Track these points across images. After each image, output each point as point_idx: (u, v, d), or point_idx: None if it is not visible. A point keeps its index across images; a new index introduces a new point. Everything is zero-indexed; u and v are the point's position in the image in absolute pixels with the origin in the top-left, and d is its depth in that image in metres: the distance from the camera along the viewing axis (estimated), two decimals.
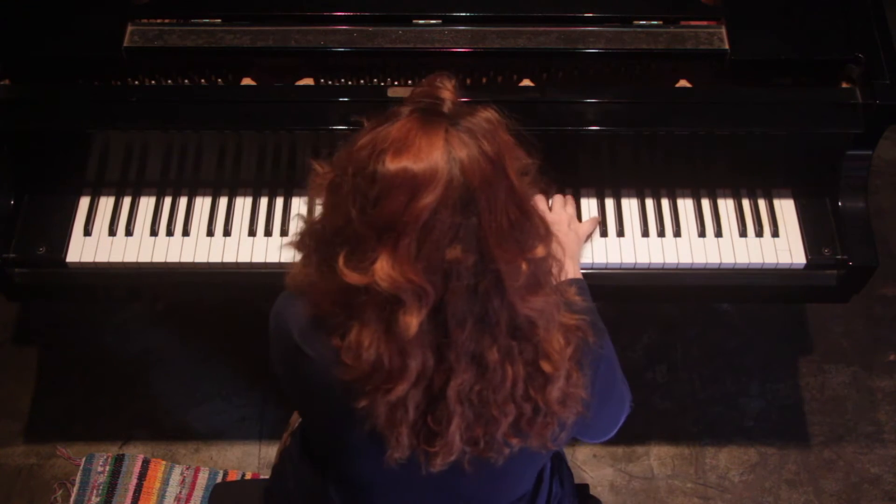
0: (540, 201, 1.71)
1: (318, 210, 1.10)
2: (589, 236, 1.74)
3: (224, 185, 1.80)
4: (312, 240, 1.09)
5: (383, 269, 0.97)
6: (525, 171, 1.06)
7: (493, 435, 1.10)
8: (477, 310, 1.01)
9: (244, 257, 1.74)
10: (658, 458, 2.25)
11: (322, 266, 1.06)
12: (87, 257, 1.74)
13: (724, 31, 1.74)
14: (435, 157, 0.95)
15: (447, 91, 1.03)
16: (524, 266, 1.02)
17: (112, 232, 1.76)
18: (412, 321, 0.98)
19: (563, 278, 1.45)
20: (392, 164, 0.96)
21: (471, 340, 1.02)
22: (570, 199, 1.74)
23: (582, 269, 1.75)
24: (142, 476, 2.19)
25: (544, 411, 1.11)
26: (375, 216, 0.97)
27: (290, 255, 1.15)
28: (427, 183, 0.95)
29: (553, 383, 1.09)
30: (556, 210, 1.70)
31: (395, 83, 1.79)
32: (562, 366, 1.09)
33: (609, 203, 1.80)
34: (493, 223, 0.98)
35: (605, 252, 1.75)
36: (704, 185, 1.81)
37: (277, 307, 1.21)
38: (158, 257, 1.74)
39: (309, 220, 1.11)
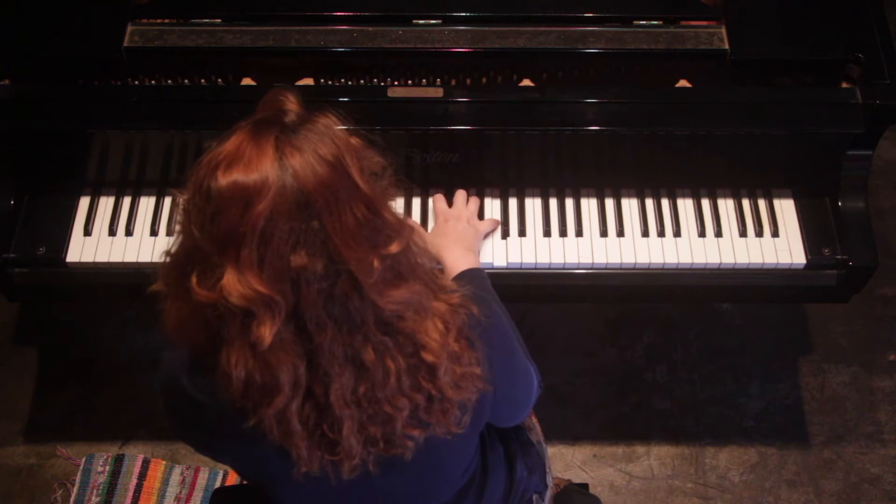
0: (439, 200, 1.74)
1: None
2: (490, 234, 1.75)
3: None
4: (172, 269, 1.09)
5: (230, 283, 0.97)
6: (378, 172, 1.06)
7: (392, 431, 1.10)
8: (336, 312, 1.01)
9: None
10: (658, 458, 2.25)
11: (180, 293, 1.06)
12: (87, 257, 1.74)
13: (724, 31, 1.74)
14: (265, 165, 0.96)
15: (290, 103, 1.03)
16: (376, 263, 1.02)
17: (112, 232, 1.76)
18: (265, 332, 0.98)
19: (452, 265, 1.46)
20: (223, 179, 0.96)
21: (337, 343, 1.02)
22: (473, 198, 1.76)
23: (582, 268, 1.76)
24: (142, 476, 2.19)
25: (438, 398, 1.11)
26: (214, 232, 0.97)
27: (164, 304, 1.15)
28: (258, 192, 0.95)
29: (439, 370, 1.09)
30: (456, 205, 1.73)
31: (395, 83, 1.79)
32: (443, 352, 1.08)
33: (609, 203, 1.80)
34: (336, 225, 0.98)
35: (606, 252, 1.75)
36: (704, 185, 1.82)
37: (162, 370, 1.21)
38: (158, 257, 1.73)
39: (169, 249, 1.11)
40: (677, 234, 1.77)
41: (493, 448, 1.43)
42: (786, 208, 1.79)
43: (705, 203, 1.80)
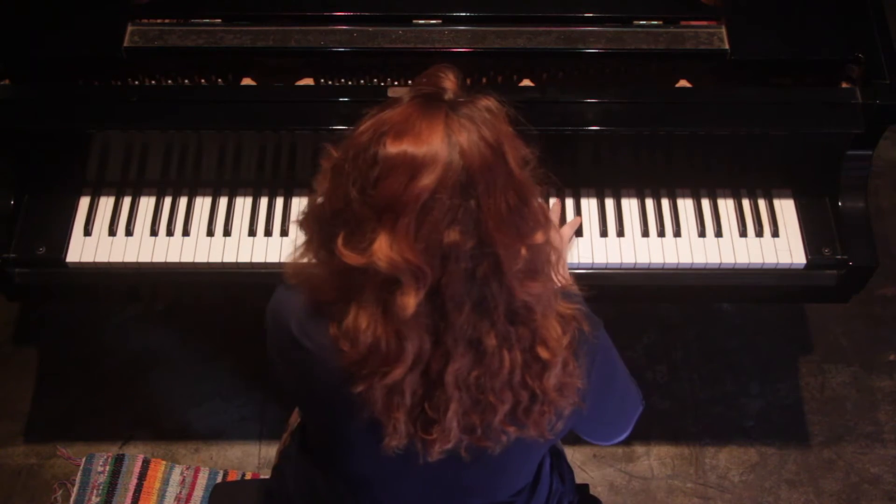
0: None
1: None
2: (570, 240, 1.74)
3: (224, 185, 1.80)
4: (314, 221, 1.10)
5: (382, 249, 0.98)
6: (525, 162, 1.07)
7: (490, 423, 1.11)
8: (475, 294, 1.02)
9: (244, 257, 1.74)
10: (658, 458, 2.25)
11: (321, 249, 1.07)
12: (87, 257, 1.74)
13: (724, 31, 1.74)
14: (435, 140, 0.97)
15: (449, 81, 1.04)
16: (523, 251, 1.03)
17: (112, 232, 1.76)
18: (409, 302, 0.99)
19: (561, 270, 1.46)
20: (392, 147, 0.97)
21: (468, 325, 1.03)
22: (556, 204, 1.75)
23: (582, 268, 1.76)
24: (142, 476, 2.19)
25: (541, 399, 1.11)
26: (375, 196, 0.98)
27: (289, 254, 1.16)
28: (427, 165, 0.96)
29: (550, 370, 1.10)
30: None
31: (395, 83, 1.79)
32: (559, 353, 1.09)
33: (609, 203, 1.80)
34: (491, 207, 0.99)
35: (605, 252, 1.75)
36: (704, 185, 1.82)
37: (274, 303, 1.22)
38: (158, 257, 1.74)
39: (312, 200, 1.11)
40: (677, 234, 1.77)
41: (545, 457, 1.44)
42: (786, 208, 1.79)
43: (705, 203, 1.80)
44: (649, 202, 1.80)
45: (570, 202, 1.80)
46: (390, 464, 1.16)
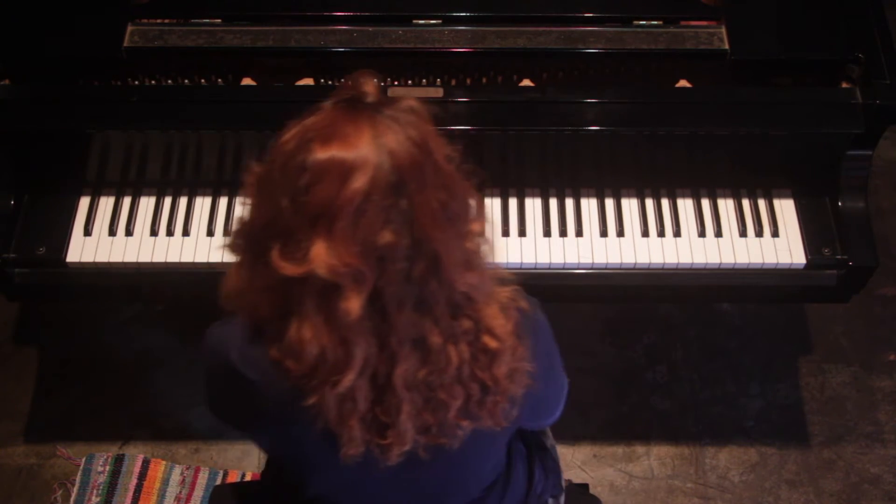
0: None
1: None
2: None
3: (224, 185, 1.80)
4: (244, 238, 1.10)
5: (320, 255, 0.97)
6: (450, 158, 1.07)
7: (444, 419, 1.11)
8: (414, 292, 1.02)
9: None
10: (658, 458, 2.25)
11: (256, 265, 1.06)
12: (87, 257, 1.74)
13: (724, 31, 1.75)
14: (363, 143, 0.98)
15: (370, 85, 1.05)
16: (460, 244, 1.04)
17: (112, 232, 1.76)
18: (353, 305, 0.99)
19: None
20: (321, 153, 0.97)
21: (411, 324, 1.03)
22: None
23: (582, 268, 1.76)
24: (142, 476, 2.19)
25: (493, 389, 1.12)
26: (307, 204, 0.98)
27: (224, 279, 1.15)
28: (357, 168, 0.96)
29: (499, 359, 1.10)
30: None
31: (395, 83, 1.79)
32: (506, 340, 1.10)
33: (609, 203, 1.80)
34: (423, 204, 0.99)
35: (606, 252, 1.75)
36: (704, 185, 1.82)
37: (209, 339, 1.21)
38: (158, 257, 1.74)
39: (242, 220, 1.11)
40: (677, 234, 1.77)
41: (517, 448, 1.44)
42: (786, 208, 1.79)
43: (705, 203, 1.80)
44: (649, 202, 1.80)
45: (570, 202, 1.80)
46: (353, 475, 1.16)
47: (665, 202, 1.80)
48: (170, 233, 1.76)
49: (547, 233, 1.77)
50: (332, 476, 1.23)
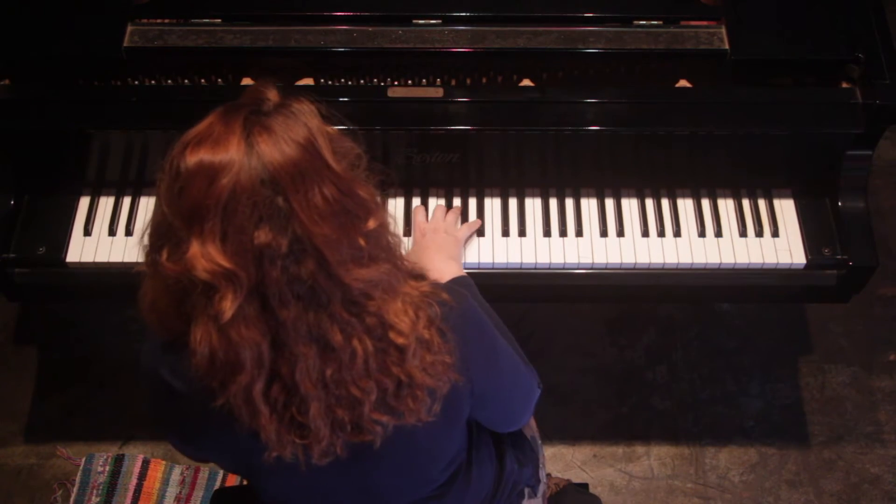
0: (418, 213, 1.75)
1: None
2: (471, 236, 1.75)
3: None
4: (146, 248, 1.11)
5: (194, 256, 0.99)
6: (354, 160, 1.08)
7: (360, 415, 1.11)
8: (302, 290, 1.02)
9: None
10: (658, 458, 2.25)
11: (155, 271, 1.07)
12: (87, 257, 1.74)
13: (724, 31, 1.74)
14: (231, 144, 0.99)
15: (271, 93, 1.06)
16: (348, 240, 1.03)
17: (112, 232, 1.76)
18: (227, 306, 0.99)
19: (439, 276, 1.47)
20: (191, 157, 0.99)
21: (301, 322, 1.03)
22: (453, 209, 1.77)
23: (582, 268, 1.75)
24: (142, 476, 2.19)
25: (408, 383, 1.11)
26: (180, 206, 1.00)
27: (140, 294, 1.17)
28: (223, 168, 0.98)
29: (408, 352, 1.10)
30: (434, 218, 1.74)
31: (395, 83, 1.79)
32: (412, 335, 1.09)
33: (609, 203, 1.80)
34: (303, 202, 0.99)
35: (605, 252, 1.75)
36: (704, 185, 1.81)
37: (142, 359, 1.22)
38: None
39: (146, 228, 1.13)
40: (677, 234, 1.77)
41: (479, 444, 1.43)
42: (786, 208, 1.79)
43: (705, 203, 1.80)
44: (649, 202, 1.80)
45: (570, 202, 1.80)
46: (295, 480, 1.17)
47: (665, 202, 1.80)
48: None
49: (547, 233, 1.77)
50: (279, 479, 1.23)
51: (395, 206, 1.78)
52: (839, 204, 1.75)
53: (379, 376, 1.10)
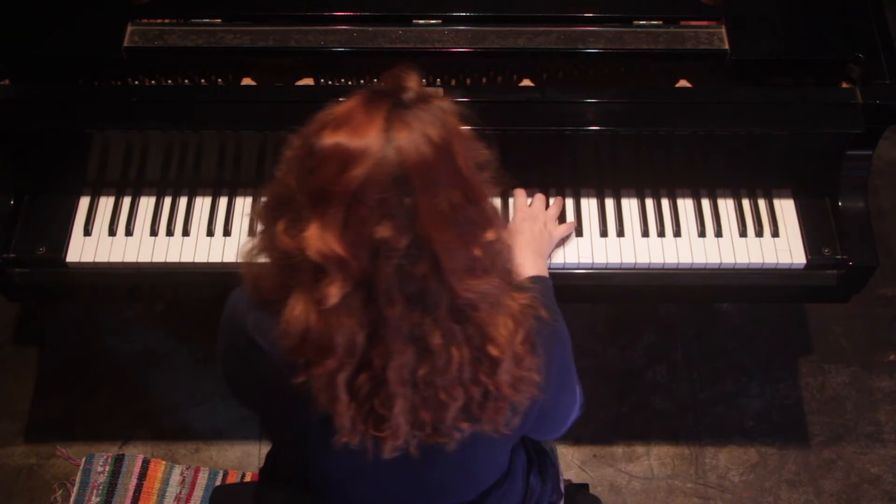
0: (520, 195, 1.73)
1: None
2: (564, 240, 1.74)
3: (224, 185, 1.80)
4: (263, 211, 1.11)
5: (311, 236, 0.99)
6: (483, 165, 1.07)
7: (442, 419, 1.11)
8: (411, 291, 1.02)
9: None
10: (658, 458, 2.25)
11: (265, 236, 1.09)
12: (87, 257, 1.74)
13: (724, 31, 1.74)
14: (370, 134, 0.98)
15: (412, 80, 1.05)
16: (468, 250, 1.03)
17: (112, 232, 1.76)
18: (333, 291, 1.00)
19: (520, 269, 1.45)
20: (328, 139, 0.99)
21: (405, 321, 1.03)
22: (557, 200, 1.75)
23: (582, 269, 1.75)
24: (142, 476, 2.19)
25: (495, 395, 1.11)
26: (309, 185, 1.00)
27: (242, 249, 1.18)
28: (357, 157, 0.97)
29: (501, 366, 1.09)
30: (535, 205, 1.72)
31: None
32: (508, 349, 1.09)
33: (609, 203, 1.80)
34: (429, 206, 0.99)
35: (605, 252, 1.75)
36: (704, 185, 1.81)
37: (231, 301, 1.22)
38: (158, 257, 1.74)
39: (266, 192, 1.13)
40: (677, 234, 1.77)
41: (517, 455, 1.43)
42: (786, 208, 1.79)
43: (705, 203, 1.80)
44: (649, 202, 1.80)
45: (570, 202, 1.79)
46: (352, 462, 1.16)
47: (665, 202, 1.80)
48: (170, 233, 1.76)
49: None
50: (331, 461, 1.22)
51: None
52: (839, 204, 1.75)
53: (469, 385, 1.09)
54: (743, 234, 1.77)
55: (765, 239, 1.77)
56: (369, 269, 1.00)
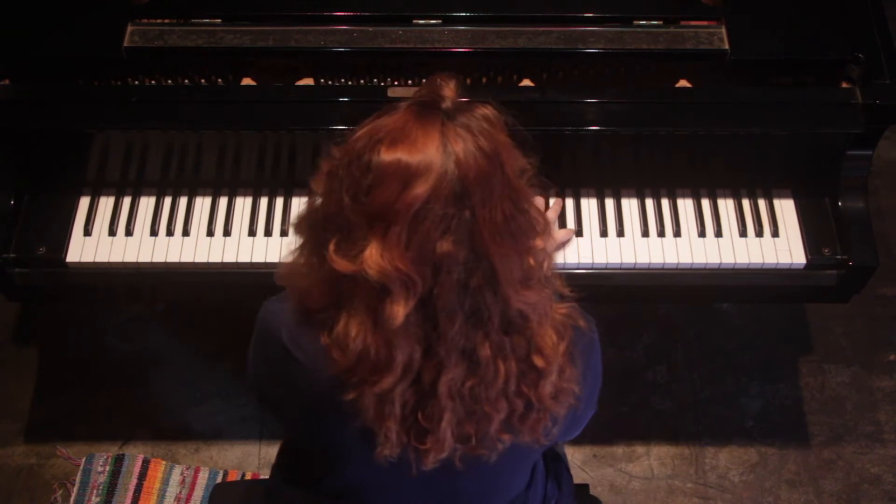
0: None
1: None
2: (561, 245, 1.74)
3: (224, 185, 1.80)
4: (308, 225, 1.09)
5: (372, 256, 0.97)
6: (522, 171, 1.06)
7: (485, 432, 1.10)
8: (468, 304, 1.01)
9: (244, 257, 1.74)
10: (658, 458, 2.25)
11: (313, 254, 1.07)
12: (87, 257, 1.74)
13: (724, 31, 1.74)
14: (430, 149, 0.96)
15: (449, 90, 1.03)
16: (520, 259, 1.03)
17: (112, 232, 1.76)
18: (399, 311, 0.98)
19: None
20: (387, 155, 0.96)
21: (461, 335, 1.02)
22: (556, 203, 1.75)
23: (582, 268, 1.76)
24: (142, 476, 2.19)
25: (537, 407, 1.11)
26: (367, 204, 0.97)
27: (283, 257, 1.15)
28: (420, 174, 0.95)
29: (545, 378, 1.09)
30: None
31: (395, 83, 1.79)
32: (554, 361, 1.09)
33: (609, 203, 1.80)
34: (487, 217, 0.98)
35: (606, 252, 1.75)
36: (704, 185, 1.82)
37: (265, 312, 1.21)
38: (158, 257, 1.74)
39: (308, 205, 1.11)
40: (677, 234, 1.77)
41: (538, 462, 1.43)
42: (786, 208, 1.79)
43: (705, 203, 1.80)
44: (649, 202, 1.80)
45: (570, 202, 1.80)
46: (384, 472, 1.15)
47: (665, 202, 1.80)
48: (170, 233, 1.76)
49: None
50: (361, 470, 1.22)
51: None
52: (839, 204, 1.75)
53: (513, 397, 1.09)
54: (743, 234, 1.77)
55: (765, 239, 1.77)
56: (430, 285, 0.98)
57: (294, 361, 1.14)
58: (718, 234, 1.77)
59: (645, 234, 1.77)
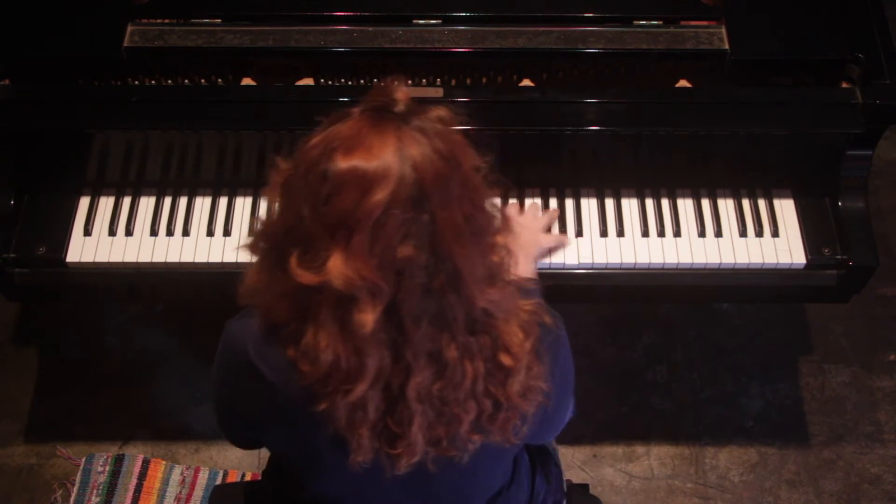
0: (512, 207, 1.73)
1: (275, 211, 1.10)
2: (551, 251, 1.73)
3: (224, 185, 1.80)
4: (265, 240, 1.09)
5: (336, 266, 0.96)
6: (478, 170, 1.06)
7: (455, 433, 1.10)
8: (433, 307, 1.01)
9: (245, 257, 1.73)
10: (658, 458, 2.25)
11: (275, 269, 1.05)
12: (87, 257, 1.74)
13: (724, 31, 1.75)
14: (386, 154, 0.96)
15: (401, 93, 1.03)
16: (482, 258, 1.03)
17: (112, 232, 1.76)
18: (367, 318, 0.98)
19: (517, 272, 1.46)
20: (343, 163, 0.96)
21: (427, 338, 1.02)
22: (551, 211, 1.75)
23: (582, 269, 1.75)
24: (142, 476, 2.19)
25: (505, 406, 1.11)
26: (327, 213, 0.97)
27: (241, 276, 1.14)
28: (379, 180, 0.95)
29: (513, 377, 1.09)
30: (528, 214, 1.72)
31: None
32: (521, 358, 1.09)
33: (609, 203, 1.80)
34: (447, 219, 0.98)
35: (606, 252, 1.75)
36: (704, 185, 1.82)
37: (228, 332, 1.20)
38: (158, 257, 1.74)
39: (263, 221, 1.10)
40: (677, 234, 1.77)
41: (522, 458, 1.43)
42: (786, 208, 1.79)
43: (705, 203, 1.80)
44: (649, 202, 1.80)
45: (570, 202, 1.80)
46: (359, 479, 1.15)
47: (665, 202, 1.80)
48: (170, 233, 1.76)
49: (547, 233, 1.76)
50: (338, 478, 1.22)
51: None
52: (839, 204, 1.75)
53: (481, 397, 1.09)
54: (743, 234, 1.77)
55: (765, 239, 1.77)
56: (394, 291, 0.98)
57: (261, 377, 1.13)
58: (718, 234, 1.77)
59: (645, 234, 1.77)
